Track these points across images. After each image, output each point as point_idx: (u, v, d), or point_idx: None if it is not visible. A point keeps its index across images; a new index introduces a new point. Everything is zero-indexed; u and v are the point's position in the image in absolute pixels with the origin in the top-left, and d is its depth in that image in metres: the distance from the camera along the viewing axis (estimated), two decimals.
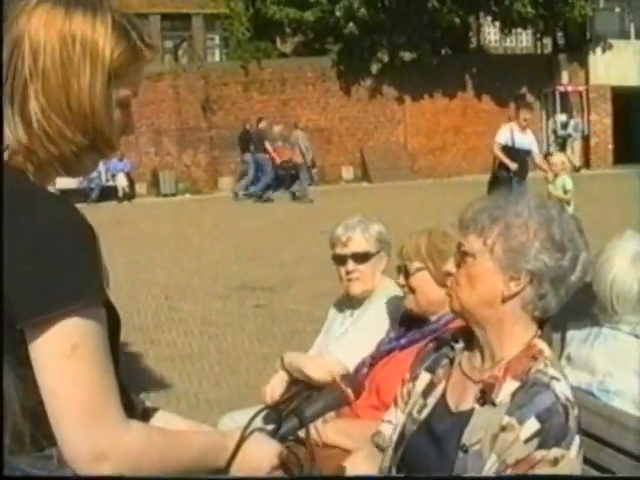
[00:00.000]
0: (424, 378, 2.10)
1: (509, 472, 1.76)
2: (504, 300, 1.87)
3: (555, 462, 1.74)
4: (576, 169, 26.52)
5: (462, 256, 1.91)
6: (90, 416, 1.36)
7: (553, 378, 1.83)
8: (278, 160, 22.07)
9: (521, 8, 24.42)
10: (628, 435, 2.47)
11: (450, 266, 1.96)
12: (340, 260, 3.42)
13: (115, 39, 1.43)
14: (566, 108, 27.19)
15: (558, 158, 11.95)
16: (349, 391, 1.81)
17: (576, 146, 26.93)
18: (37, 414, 1.38)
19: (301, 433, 1.87)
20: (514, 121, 13.00)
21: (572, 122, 26.85)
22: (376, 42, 24.88)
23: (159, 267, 12.09)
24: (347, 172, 25.95)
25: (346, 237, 3.39)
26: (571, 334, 2.96)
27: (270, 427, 1.80)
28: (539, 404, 1.78)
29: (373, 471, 2.14)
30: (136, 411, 1.60)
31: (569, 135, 26.75)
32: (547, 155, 26.91)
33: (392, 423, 2.16)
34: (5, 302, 1.33)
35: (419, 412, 2.04)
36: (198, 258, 12.77)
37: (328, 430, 2.74)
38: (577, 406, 1.84)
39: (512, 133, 12.36)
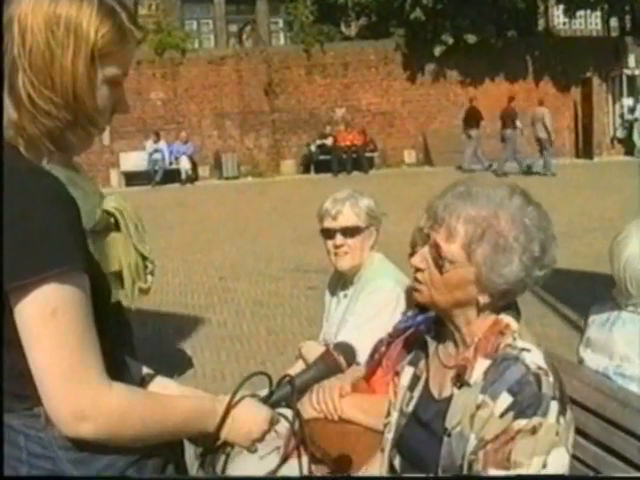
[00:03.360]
0: (408, 372, 2.14)
1: (488, 447, 1.78)
2: (479, 310, 1.91)
3: (534, 430, 1.76)
4: None
5: (441, 260, 1.89)
6: (70, 377, 1.43)
7: (523, 350, 1.85)
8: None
9: None
10: None
11: (417, 261, 1.96)
12: (328, 234, 3.39)
13: (100, 19, 1.49)
14: (633, 92, 26.60)
15: None
16: (341, 359, 1.84)
17: None
18: (24, 375, 1.44)
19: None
20: None
21: (639, 106, 26.27)
22: (440, 25, 24.66)
23: (216, 249, 12.26)
24: (409, 156, 25.83)
25: (335, 211, 3.35)
26: (592, 317, 2.95)
27: (262, 394, 1.84)
28: (509, 378, 1.80)
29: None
30: (126, 373, 1.65)
31: (636, 119, 26.14)
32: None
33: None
34: None
35: (407, 405, 2.09)
36: (255, 240, 12.90)
37: (344, 404, 2.79)
38: (554, 372, 1.84)
39: None
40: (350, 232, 3.35)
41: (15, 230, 1.40)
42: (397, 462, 2.11)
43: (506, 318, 1.93)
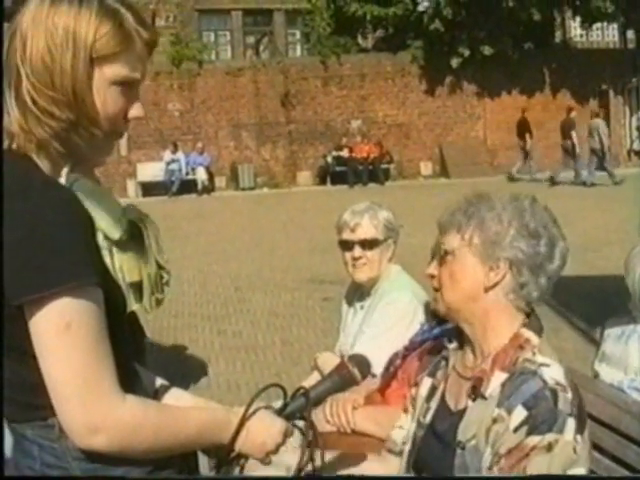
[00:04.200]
0: (426, 383, 2.15)
1: (502, 462, 1.78)
2: (486, 290, 1.90)
3: (549, 447, 1.75)
4: None
5: (443, 256, 1.96)
6: (84, 390, 1.44)
7: (542, 365, 1.84)
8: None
9: (600, 3, 23.93)
10: None
11: (431, 269, 2.01)
12: (347, 246, 3.40)
13: (99, 21, 1.51)
14: None
15: None
16: (355, 371, 1.84)
17: None
18: (39, 386, 1.46)
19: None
20: None
21: None
22: (456, 37, 24.68)
23: (232, 259, 12.28)
24: (425, 168, 25.81)
25: (354, 223, 3.37)
26: (608, 331, 2.94)
27: (277, 405, 1.84)
28: (525, 392, 1.79)
29: (387, 473, 2.21)
30: (139, 385, 1.64)
31: None
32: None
33: (403, 428, 2.22)
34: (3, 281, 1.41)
35: (424, 416, 2.09)
36: (271, 251, 12.91)
37: (357, 417, 2.79)
38: (573, 389, 1.83)
39: None
40: (369, 244, 3.36)
41: (29, 244, 1.41)
42: (412, 472, 2.11)
43: (527, 333, 1.92)
